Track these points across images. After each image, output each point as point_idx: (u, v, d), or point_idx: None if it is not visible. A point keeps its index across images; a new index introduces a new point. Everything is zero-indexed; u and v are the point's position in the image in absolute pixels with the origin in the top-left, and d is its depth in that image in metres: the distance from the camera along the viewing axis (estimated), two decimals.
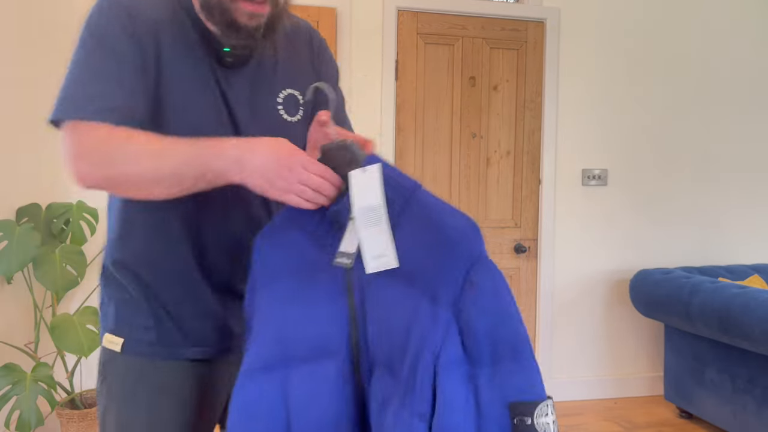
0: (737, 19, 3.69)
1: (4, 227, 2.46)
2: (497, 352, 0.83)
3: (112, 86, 0.97)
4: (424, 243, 0.87)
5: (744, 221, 3.75)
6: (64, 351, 2.45)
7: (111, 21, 0.99)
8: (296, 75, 1.13)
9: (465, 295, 0.83)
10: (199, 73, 1.03)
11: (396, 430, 0.82)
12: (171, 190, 0.93)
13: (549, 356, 3.49)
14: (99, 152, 0.95)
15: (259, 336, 0.93)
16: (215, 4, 0.98)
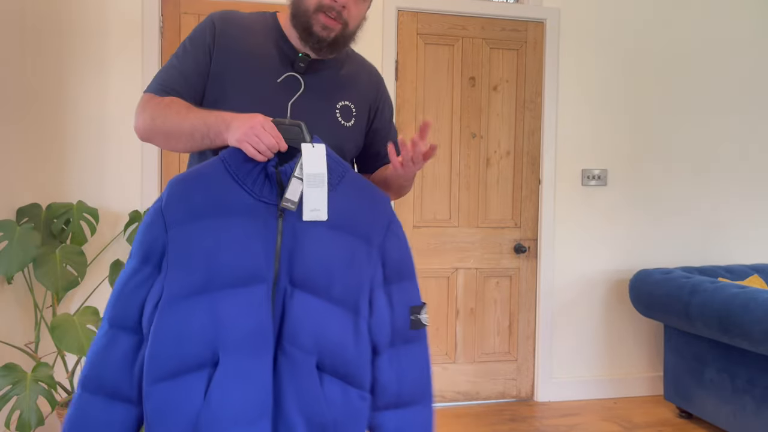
0: (737, 18, 3.70)
1: (5, 227, 2.46)
2: (402, 275, 1.25)
3: (176, 76, 1.34)
4: (360, 202, 1.23)
5: (744, 221, 3.75)
6: (65, 351, 2.45)
7: (199, 32, 1.36)
8: (355, 93, 1.44)
9: (387, 239, 1.24)
10: (272, 73, 1.34)
11: (329, 332, 1.16)
12: (187, 144, 1.28)
13: (549, 356, 3.49)
14: (149, 110, 1.30)
15: (181, 265, 1.14)
16: (303, 11, 1.31)
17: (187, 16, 3.00)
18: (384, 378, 1.21)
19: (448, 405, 3.41)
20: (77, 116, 2.91)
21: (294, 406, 1.14)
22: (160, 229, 1.16)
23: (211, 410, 1.10)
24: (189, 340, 1.11)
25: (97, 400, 1.13)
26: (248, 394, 1.12)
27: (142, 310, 1.15)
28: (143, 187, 2.96)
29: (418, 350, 1.25)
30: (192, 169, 1.22)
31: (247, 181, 1.19)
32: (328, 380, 1.17)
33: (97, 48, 2.92)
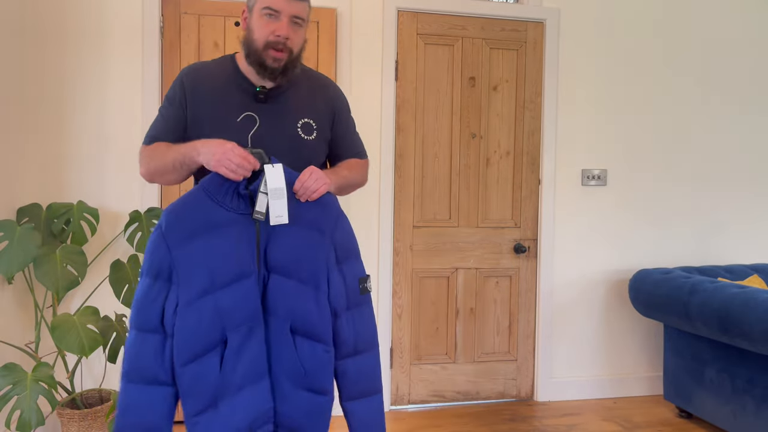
0: (737, 19, 3.70)
1: (5, 227, 2.46)
2: (349, 254, 1.63)
3: (161, 128, 1.66)
4: (314, 205, 1.59)
5: (743, 221, 3.75)
6: (65, 351, 2.45)
7: (172, 90, 1.67)
8: (314, 110, 1.71)
9: (336, 230, 1.61)
10: (238, 107, 1.63)
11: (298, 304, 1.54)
12: (175, 175, 1.60)
13: (548, 356, 3.49)
14: (144, 159, 1.64)
15: (189, 278, 1.48)
16: (254, 50, 1.61)
17: (187, 16, 3.00)
18: (344, 334, 1.61)
19: (448, 405, 3.41)
20: (77, 116, 2.91)
21: (278, 363, 1.54)
22: (165, 251, 1.49)
23: (225, 378, 1.49)
24: (203, 331, 1.48)
25: (139, 387, 1.48)
26: (251, 359, 1.51)
27: (161, 315, 1.49)
28: (143, 187, 2.97)
29: (366, 311, 1.65)
30: (180, 199, 1.52)
31: (224, 201, 1.51)
32: (299, 340, 1.55)
33: (97, 48, 2.92)
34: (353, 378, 1.62)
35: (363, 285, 1.63)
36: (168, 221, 1.49)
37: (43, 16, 2.86)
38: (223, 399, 1.49)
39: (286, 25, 1.61)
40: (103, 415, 2.62)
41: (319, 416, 1.57)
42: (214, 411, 1.49)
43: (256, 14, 1.62)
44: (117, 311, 2.95)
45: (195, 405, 1.48)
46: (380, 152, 3.24)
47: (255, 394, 1.52)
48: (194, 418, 1.48)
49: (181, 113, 1.65)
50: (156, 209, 2.94)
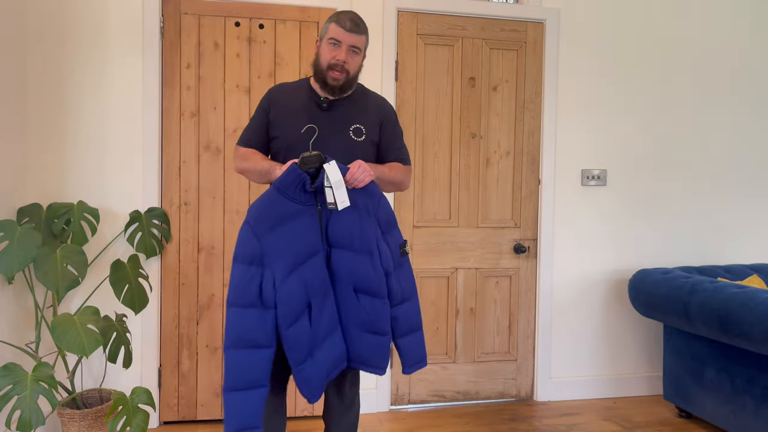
0: (737, 19, 3.70)
1: (5, 227, 2.47)
2: (390, 226, 2.03)
3: (250, 132, 2.19)
4: (360, 192, 1.97)
5: (743, 221, 3.76)
6: (65, 351, 2.45)
7: (261, 101, 2.19)
8: (365, 118, 2.15)
9: (378, 209, 2.00)
10: (302, 113, 2.11)
11: (359, 270, 1.96)
12: (257, 177, 2.12)
13: (548, 356, 3.50)
14: (239, 158, 2.18)
15: (279, 259, 1.87)
16: (319, 71, 2.07)
17: (187, 16, 3.00)
18: (394, 288, 2.02)
19: (448, 404, 3.42)
20: (78, 116, 2.91)
21: (347, 316, 1.98)
22: (255, 240, 1.87)
23: (314, 332, 1.92)
24: (297, 299, 1.88)
25: (245, 351, 1.86)
26: (328, 317, 1.95)
27: (259, 292, 1.86)
28: (144, 187, 2.97)
29: (407, 268, 2.08)
30: (260, 198, 1.92)
31: (294, 196, 1.91)
32: (362, 297, 1.98)
33: (98, 48, 2.92)
34: (402, 320, 2.05)
35: (402, 249, 2.07)
36: (254, 217, 1.88)
37: (43, 16, 2.87)
38: (317, 349, 1.92)
39: (345, 52, 2.04)
40: (104, 415, 2.62)
41: (383, 351, 2.01)
42: (311, 359, 1.91)
43: (324, 42, 2.07)
44: (117, 311, 2.95)
45: (298, 356, 1.89)
46: None
47: (333, 342, 1.96)
48: (299, 366, 1.90)
49: (265, 117, 2.15)
50: (156, 209, 2.94)
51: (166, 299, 3.03)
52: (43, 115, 2.88)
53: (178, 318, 3.04)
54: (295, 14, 3.09)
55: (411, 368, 2.08)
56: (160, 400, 3.04)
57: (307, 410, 3.15)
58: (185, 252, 3.04)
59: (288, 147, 2.07)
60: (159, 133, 2.98)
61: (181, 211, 3.03)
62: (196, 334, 3.06)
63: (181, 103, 3.01)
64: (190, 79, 3.01)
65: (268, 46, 3.08)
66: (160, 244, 2.94)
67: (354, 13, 2.06)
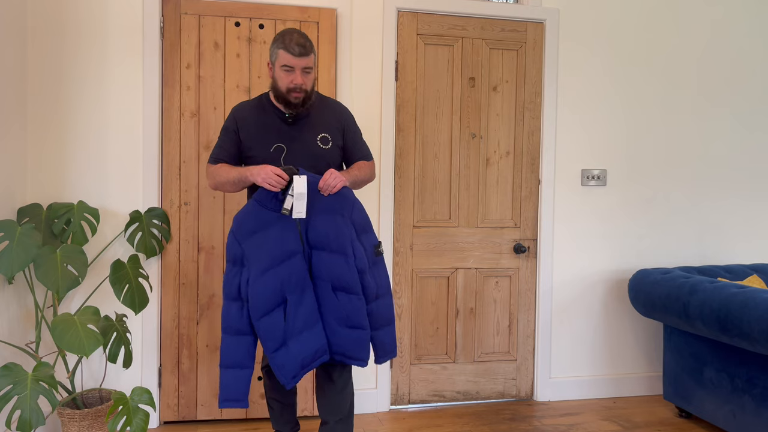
0: (736, 20, 3.71)
1: (6, 227, 2.47)
2: (365, 229, 2.25)
3: (220, 149, 2.36)
4: (335, 198, 2.20)
5: (743, 221, 3.76)
6: (65, 350, 2.45)
7: (227, 121, 2.37)
8: (328, 126, 2.35)
9: (353, 212, 2.22)
10: (271, 128, 2.30)
11: (335, 269, 2.17)
12: (234, 187, 2.29)
13: (548, 355, 3.50)
14: (211, 174, 2.34)
15: (255, 260, 2.14)
16: (280, 94, 2.25)
17: (187, 16, 3.00)
18: (369, 286, 2.23)
19: (448, 405, 3.42)
20: (78, 116, 2.91)
21: (327, 312, 2.19)
22: (237, 245, 2.16)
23: (289, 325, 2.15)
24: (270, 294, 2.14)
25: (232, 337, 2.18)
26: (306, 312, 2.17)
27: (239, 288, 2.16)
28: (144, 188, 2.97)
29: (381, 267, 2.30)
30: (242, 210, 2.18)
31: (270, 205, 2.17)
32: (339, 293, 2.19)
33: (98, 48, 2.92)
34: (376, 315, 2.26)
35: (377, 249, 2.27)
36: (236, 225, 2.17)
37: (43, 16, 2.87)
38: (290, 340, 2.15)
39: (300, 75, 2.21)
40: (104, 414, 2.62)
41: (361, 344, 2.21)
42: (285, 348, 2.15)
43: (277, 69, 2.24)
44: (117, 311, 2.95)
45: (271, 345, 2.14)
46: (380, 152, 3.24)
47: (313, 334, 2.17)
48: (272, 354, 2.15)
49: (236, 139, 2.32)
50: (156, 209, 2.94)
51: (166, 299, 3.03)
52: (43, 115, 2.88)
53: (178, 318, 3.04)
54: (295, 14, 3.09)
55: (382, 358, 2.30)
56: (160, 400, 3.04)
57: (307, 410, 3.15)
58: (185, 252, 3.04)
59: (264, 160, 2.27)
60: (159, 133, 2.98)
61: (181, 211, 3.03)
62: (196, 334, 3.06)
63: (181, 103, 3.01)
64: (190, 79, 3.01)
65: (268, 46, 3.08)
66: (160, 244, 2.94)
67: (298, 34, 2.20)
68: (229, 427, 3.05)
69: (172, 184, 3.01)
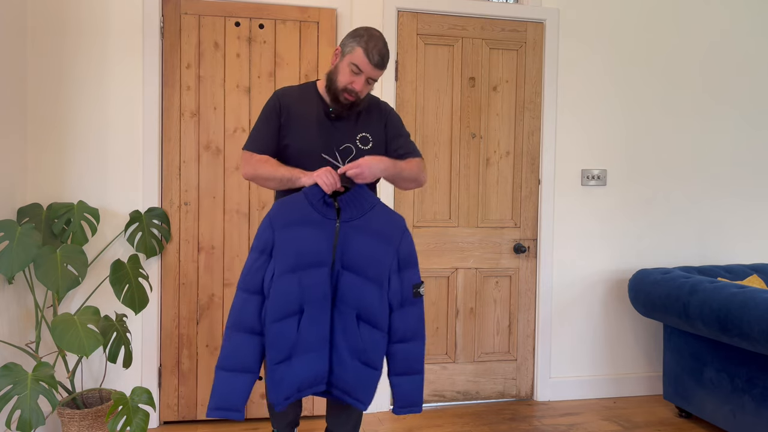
0: (737, 20, 3.71)
1: (6, 227, 2.47)
2: (409, 264, 2.04)
3: (263, 137, 2.15)
4: (385, 219, 2.02)
5: (743, 221, 3.76)
6: (65, 350, 2.45)
7: (269, 105, 2.17)
8: (370, 126, 2.21)
9: (401, 243, 2.02)
10: (313, 121, 2.15)
11: (365, 298, 1.96)
12: (277, 185, 2.10)
13: (548, 355, 3.50)
14: (254, 164, 2.11)
15: (283, 254, 1.92)
16: (334, 88, 2.10)
17: (187, 16, 3.00)
18: (395, 325, 2.01)
19: (448, 404, 3.42)
20: (78, 116, 2.91)
21: (342, 339, 1.96)
22: (270, 232, 1.95)
23: (300, 338, 1.93)
24: (289, 298, 1.91)
25: (243, 335, 1.93)
26: (318, 331, 1.94)
27: (262, 281, 1.93)
28: (144, 187, 2.97)
29: (417, 310, 2.05)
30: (289, 197, 2.00)
31: (317, 206, 1.97)
32: (362, 325, 1.97)
33: (98, 48, 2.92)
34: (400, 359, 2.03)
35: (416, 290, 2.05)
36: (276, 210, 1.97)
37: (43, 16, 2.87)
38: (296, 356, 1.92)
39: (363, 82, 2.08)
40: (104, 414, 2.62)
41: (368, 384, 1.99)
42: (288, 363, 1.93)
43: (345, 62, 2.08)
44: (117, 311, 2.95)
45: (276, 355, 1.91)
46: None
47: (318, 358, 1.95)
48: (274, 366, 1.92)
49: (277, 125, 2.14)
50: (156, 209, 2.94)
51: (166, 299, 3.03)
52: (43, 115, 2.88)
53: (178, 318, 3.04)
54: (295, 14, 3.09)
55: (400, 410, 2.04)
56: (160, 400, 3.04)
57: (307, 410, 3.15)
58: (185, 252, 3.04)
59: (299, 155, 2.10)
60: (159, 133, 2.98)
61: (181, 211, 3.03)
62: (196, 334, 3.06)
63: (181, 103, 3.01)
64: (190, 79, 3.01)
65: (268, 46, 3.08)
66: (160, 244, 2.94)
67: (383, 44, 2.06)
68: (229, 427, 3.05)
69: (172, 184, 3.01)
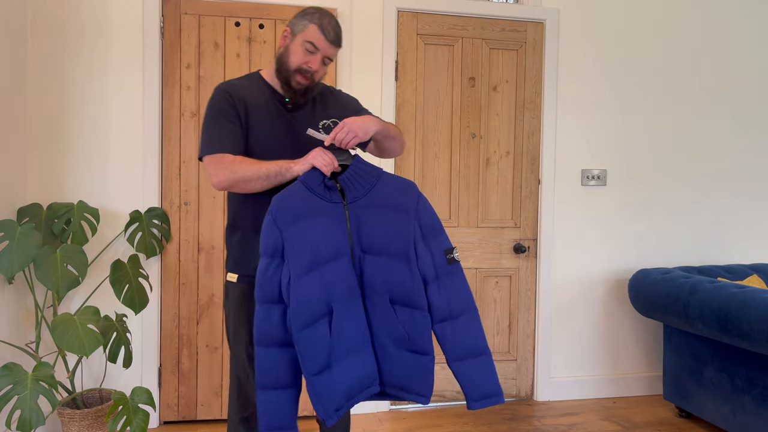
0: (736, 19, 3.71)
1: (6, 227, 2.47)
2: (433, 230, 1.82)
3: (227, 135, 1.88)
4: (395, 189, 1.83)
5: (743, 221, 3.76)
6: (65, 350, 2.45)
7: (219, 100, 1.91)
8: (327, 112, 2.02)
9: (418, 209, 1.82)
10: (271, 114, 1.95)
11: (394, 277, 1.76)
12: (263, 184, 1.82)
13: (548, 356, 3.50)
14: (229, 167, 1.83)
15: (297, 253, 1.71)
16: (285, 69, 1.91)
17: (187, 16, 3.00)
18: (435, 301, 1.78)
19: (448, 404, 3.42)
20: (78, 116, 2.91)
21: (382, 331, 1.77)
22: (277, 232, 1.72)
23: (335, 341, 1.70)
24: (314, 300, 1.70)
25: (272, 350, 1.73)
26: (353, 328, 1.74)
27: (280, 288, 1.71)
28: (144, 187, 2.97)
29: (457, 279, 1.81)
30: (286, 189, 1.78)
31: (319, 191, 1.78)
32: (399, 308, 1.77)
33: (98, 48, 2.92)
34: (452, 339, 1.79)
35: (449, 256, 1.82)
36: (277, 206, 1.75)
37: (44, 16, 2.87)
38: (336, 362, 1.72)
39: (319, 61, 1.91)
40: (104, 414, 2.62)
41: (423, 374, 1.77)
42: (329, 372, 1.71)
43: (297, 41, 1.90)
44: (117, 311, 2.95)
45: (312, 367, 1.69)
46: None
47: (360, 360, 1.75)
48: (312, 378, 1.70)
49: (240, 125, 1.91)
50: (156, 209, 2.94)
51: (166, 299, 3.03)
52: (43, 115, 2.88)
53: (178, 318, 3.04)
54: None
55: (476, 403, 1.79)
56: (160, 400, 3.04)
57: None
58: (185, 252, 3.04)
59: (261, 152, 1.90)
60: (159, 133, 2.98)
61: (181, 211, 3.03)
62: (197, 334, 3.06)
63: (181, 103, 3.01)
64: (190, 79, 3.01)
65: (268, 46, 3.08)
66: (160, 244, 2.94)
67: (336, 20, 1.93)
68: None
69: (172, 184, 3.01)
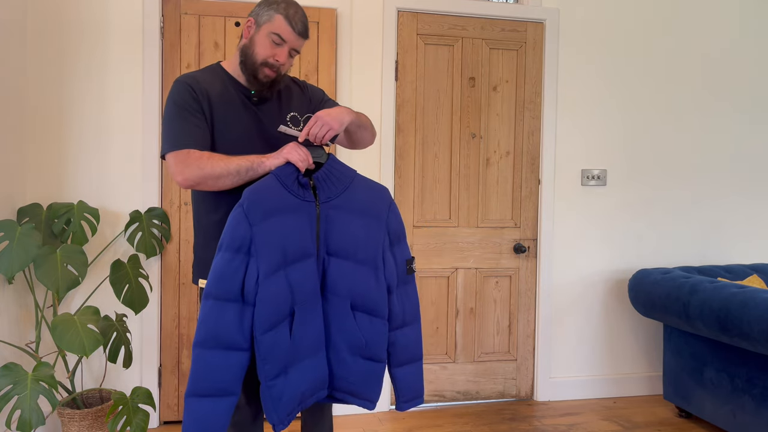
0: (736, 19, 3.71)
1: (6, 227, 2.47)
2: (400, 238, 1.82)
3: (192, 130, 1.77)
4: (368, 194, 1.78)
5: (743, 221, 3.76)
6: (65, 350, 2.45)
7: (181, 93, 1.79)
8: (292, 104, 1.94)
9: (389, 216, 1.80)
10: (237, 108, 1.85)
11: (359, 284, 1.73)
12: (233, 180, 1.73)
13: (548, 356, 3.50)
14: (196, 163, 1.72)
15: (267, 251, 1.63)
16: (251, 63, 1.82)
17: (187, 16, 3.00)
18: (395, 309, 1.80)
19: (448, 404, 3.42)
20: (78, 116, 2.91)
21: (338, 335, 1.74)
22: (246, 226, 1.62)
23: (294, 345, 1.67)
24: (280, 301, 1.64)
25: (216, 352, 1.60)
26: (312, 332, 1.71)
27: (241, 286, 1.61)
28: (144, 187, 2.97)
29: (411, 288, 1.86)
30: (258, 182, 1.68)
31: (292, 188, 1.70)
32: (359, 315, 1.75)
33: (98, 48, 2.92)
34: (401, 347, 1.83)
35: (409, 266, 1.84)
36: (250, 200, 1.64)
37: (44, 17, 2.87)
38: (292, 366, 1.68)
39: (286, 53, 1.83)
40: (104, 414, 2.62)
41: (375, 381, 1.79)
42: (285, 376, 1.67)
43: (262, 33, 1.81)
44: (117, 311, 2.95)
45: (271, 370, 1.64)
46: (380, 152, 3.24)
47: (315, 363, 1.72)
48: (270, 382, 1.65)
49: (204, 119, 1.81)
50: (156, 209, 2.94)
51: (166, 299, 3.03)
52: (43, 115, 2.88)
53: (178, 318, 3.04)
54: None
55: (406, 404, 1.85)
56: (160, 400, 3.04)
57: None
58: (185, 252, 3.03)
59: (227, 147, 1.81)
60: (159, 133, 2.98)
61: (181, 211, 3.03)
62: None
63: None
64: None
65: None
66: (160, 244, 2.94)
67: (302, 10, 1.85)
68: None
69: (172, 184, 3.01)
